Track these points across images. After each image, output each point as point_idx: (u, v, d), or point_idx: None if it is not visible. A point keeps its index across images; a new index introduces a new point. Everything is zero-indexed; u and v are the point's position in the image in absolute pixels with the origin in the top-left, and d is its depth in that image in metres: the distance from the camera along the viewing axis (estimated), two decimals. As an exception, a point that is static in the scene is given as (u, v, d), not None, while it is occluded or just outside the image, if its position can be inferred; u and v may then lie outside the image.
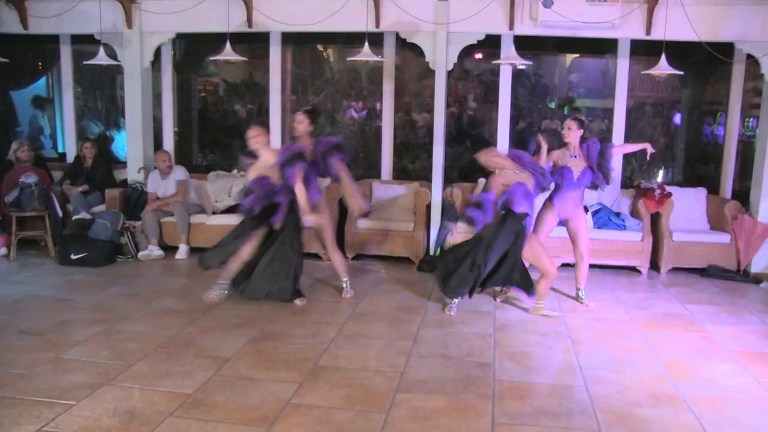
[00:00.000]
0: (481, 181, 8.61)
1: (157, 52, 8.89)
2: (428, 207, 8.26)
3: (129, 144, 8.98)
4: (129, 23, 8.54)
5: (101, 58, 8.06)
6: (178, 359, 4.99)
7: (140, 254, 8.14)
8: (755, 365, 5.22)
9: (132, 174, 8.88)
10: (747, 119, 9.10)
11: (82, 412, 4.09)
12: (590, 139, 6.63)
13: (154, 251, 8.17)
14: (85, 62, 8.52)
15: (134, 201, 8.58)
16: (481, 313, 6.38)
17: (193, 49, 9.80)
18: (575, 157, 6.46)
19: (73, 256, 7.72)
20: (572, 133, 6.44)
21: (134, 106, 8.83)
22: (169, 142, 9.36)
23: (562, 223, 6.66)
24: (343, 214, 8.29)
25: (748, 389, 4.79)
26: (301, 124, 6.57)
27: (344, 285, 6.79)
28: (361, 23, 7.98)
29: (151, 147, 9.08)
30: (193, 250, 8.26)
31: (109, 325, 5.70)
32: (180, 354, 5.10)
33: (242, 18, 8.29)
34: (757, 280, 7.88)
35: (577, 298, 6.79)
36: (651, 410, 4.38)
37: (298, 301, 6.42)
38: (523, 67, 8.46)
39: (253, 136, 6.24)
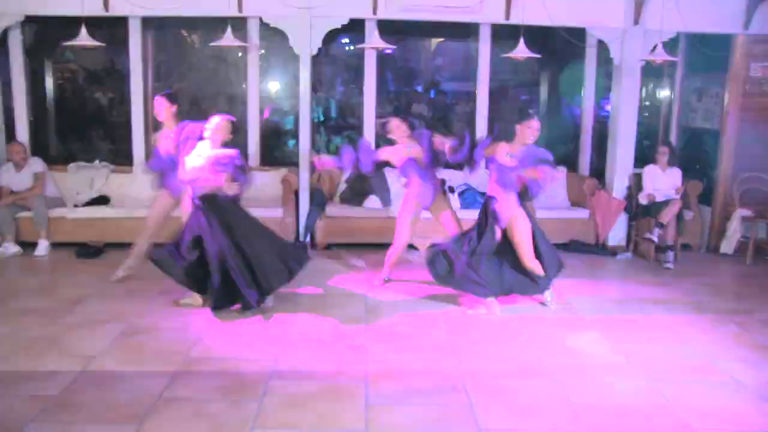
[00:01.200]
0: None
1: (4, 36, 8.34)
2: (297, 193, 8.25)
3: (-22, 136, 8.45)
4: (-35, 2, 7.95)
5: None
6: (40, 360, 4.77)
7: (-6, 252, 7.71)
8: (613, 331, 5.62)
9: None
10: (600, 101, 9.63)
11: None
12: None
13: (9, 248, 7.74)
14: None
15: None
16: (354, 296, 6.47)
17: (47, 33, 9.27)
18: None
19: None
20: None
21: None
22: (23, 133, 8.83)
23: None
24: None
25: (606, 354, 5.16)
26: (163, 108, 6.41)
27: None
28: (224, 7, 7.82)
29: (2, 138, 8.57)
30: (54, 246, 7.89)
31: (-40, 329, 5.37)
32: (42, 355, 4.88)
33: (98, 1, 7.92)
34: (613, 252, 8.37)
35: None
36: (519, 381, 4.61)
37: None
38: (389, 51, 8.57)
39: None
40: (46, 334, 5.30)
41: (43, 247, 7.82)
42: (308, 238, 8.18)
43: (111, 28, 8.75)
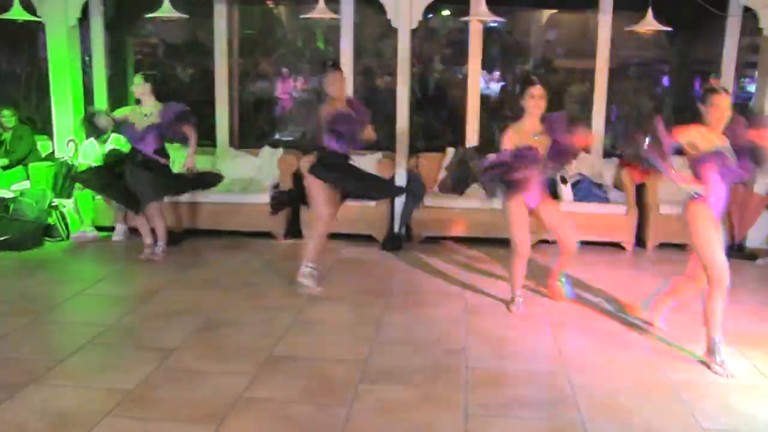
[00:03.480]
0: (450, 150, 8.63)
1: (85, 9, 8.65)
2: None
3: (57, 113, 8.74)
4: (48, -27, 8.27)
5: (16, 13, 7.78)
6: (116, 352, 4.96)
7: (72, 236, 8.03)
8: (751, 349, 5.30)
9: (61, 146, 8.70)
10: (742, 79, 9.22)
11: (2, 415, 4.01)
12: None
13: (88, 232, 8.06)
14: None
15: (65, 177, 8.42)
16: (451, 295, 6.43)
17: (127, 5, 9.58)
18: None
19: (-9, 239, 7.58)
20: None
21: (61, 69, 8.56)
22: (102, 110, 9.18)
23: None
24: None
25: (743, 374, 4.88)
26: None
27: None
28: (315, -24, 7.90)
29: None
30: (132, 231, 8.15)
31: (35, 316, 5.62)
32: (118, 346, 5.06)
33: (182, -30, 8.15)
34: (753, 256, 7.98)
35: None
36: (637, 398, 4.46)
37: None
38: (495, 24, 8.46)
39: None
40: (122, 324, 5.50)
41: (120, 232, 8.10)
42: (404, 230, 8.16)
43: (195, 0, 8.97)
